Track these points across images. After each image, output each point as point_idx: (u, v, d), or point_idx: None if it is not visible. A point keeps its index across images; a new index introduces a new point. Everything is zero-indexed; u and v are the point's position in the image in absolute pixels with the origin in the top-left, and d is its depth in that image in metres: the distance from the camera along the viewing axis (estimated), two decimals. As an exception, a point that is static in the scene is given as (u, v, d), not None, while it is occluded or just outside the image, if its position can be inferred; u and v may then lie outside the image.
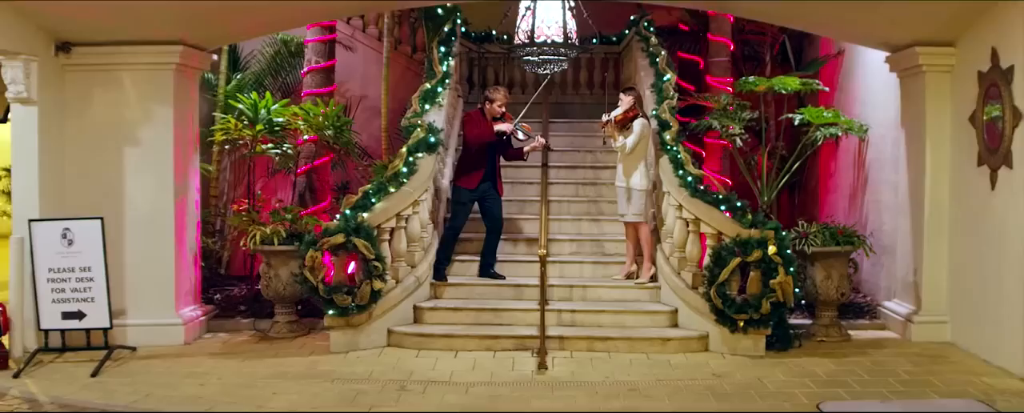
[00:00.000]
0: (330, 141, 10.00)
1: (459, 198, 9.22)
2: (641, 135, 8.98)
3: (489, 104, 9.19)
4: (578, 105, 13.41)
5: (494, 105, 9.15)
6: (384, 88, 10.58)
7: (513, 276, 9.25)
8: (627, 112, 9.05)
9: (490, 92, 9.24)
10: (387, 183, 8.61)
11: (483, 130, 9.07)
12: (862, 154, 10.70)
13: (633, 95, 9.20)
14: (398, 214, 8.55)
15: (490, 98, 9.18)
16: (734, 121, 10.01)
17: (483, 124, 9.12)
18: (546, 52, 8.74)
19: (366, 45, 12.43)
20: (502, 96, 9.17)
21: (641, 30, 11.55)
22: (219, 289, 10.54)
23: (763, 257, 7.91)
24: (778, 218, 9.99)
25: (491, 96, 9.18)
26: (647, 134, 9.11)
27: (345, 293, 8.10)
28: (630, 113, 9.05)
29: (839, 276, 8.80)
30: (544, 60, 8.85)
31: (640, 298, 8.92)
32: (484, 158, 9.12)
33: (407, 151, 8.95)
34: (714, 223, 8.29)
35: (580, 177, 11.08)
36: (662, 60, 10.62)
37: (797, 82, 9.89)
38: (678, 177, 8.74)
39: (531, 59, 9.04)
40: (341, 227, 8.16)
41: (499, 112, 9.20)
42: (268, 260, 9.08)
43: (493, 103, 9.14)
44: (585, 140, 11.70)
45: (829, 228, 8.89)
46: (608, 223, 10.11)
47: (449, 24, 11.15)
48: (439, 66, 10.42)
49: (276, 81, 11.77)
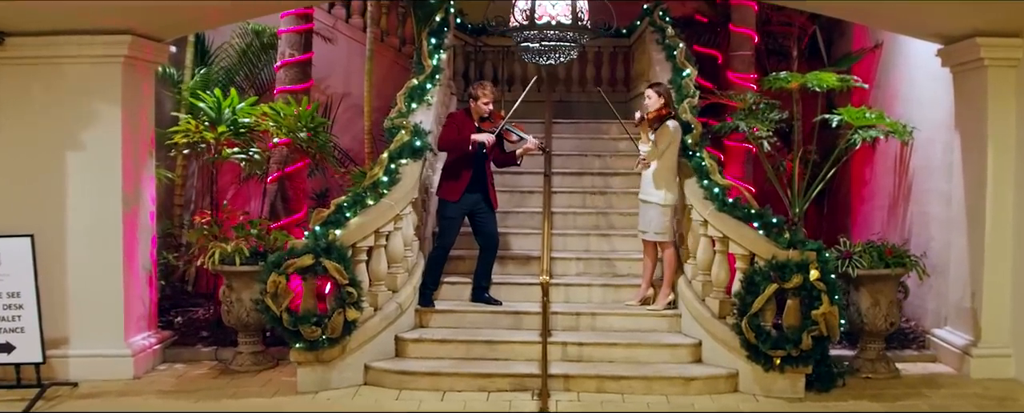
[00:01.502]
0: (304, 144, 8.81)
1: (444, 212, 8.03)
2: (673, 138, 7.76)
3: (474, 102, 7.99)
4: (585, 104, 12.31)
5: (479, 103, 7.94)
6: (367, 84, 9.39)
7: (510, 301, 8.07)
8: (659, 110, 7.84)
9: (475, 88, 8.04)
10: (364, 194, 7.44)
11: (462, 133, 7.86)
12: (905, 160, 9.54)
13: (662, 91, 7.97)
14: (377, 231, 7.39)
15: (474, 95, 7.97)
16: (761, 122, 8.80)
17: (465, 126, 7.92)
18: (550, 37, 7.32)
19: (349, 37, 11.24)
20: (489, 92, 7.96)
21: (656, 19, 10.37)
22: (182, 310, 9.46)
23: (803, 283, 6.78)
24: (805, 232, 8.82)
25: (475, 92, 7.97)
26: (678, 138, 7.89)
27: (314, 324, 6.98)
28: (662, 111, 7.85)
29: (888, 303, 7.64)
30: (547, 48, 7.46)
31: (658, 328, 7.75)
32: (469, 165, 7.92)
33: (388, 157, 7.77)
34: (745, 242, 7.12)
35: (588, 185, 9.84)
36: (680, 53, 9.42)
37: (834, 78, 8.70)
38: (703, 188, 7.56)
39: (530, 46, 7.67)
40: (309, 247, 7.00)
41: (486, 111, 8.00)
42: (229, 282, 7.98)
43: (478, 101, 7.94)
44: (593, 143, 10.51)
45: (876, 247, 7.74)
46: (620, 238, 8.90)
47: (441, 13, 9.97)
48: (429, 60, 9.23)
49: (249, 77, 10.59)
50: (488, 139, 7.86)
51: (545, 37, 7.26)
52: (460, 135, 7.83)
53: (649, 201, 7.86)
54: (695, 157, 7.81)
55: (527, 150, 8.05)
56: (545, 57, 7.57)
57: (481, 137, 7.86)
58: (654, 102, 7.84)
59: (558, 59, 7.58)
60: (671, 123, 7.76)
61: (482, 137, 7.86)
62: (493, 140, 7.89)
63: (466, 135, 7.81)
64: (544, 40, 7.28)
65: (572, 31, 7.23)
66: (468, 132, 7.85)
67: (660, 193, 7.79)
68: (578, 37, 7.30)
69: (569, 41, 7.34)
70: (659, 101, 7.85)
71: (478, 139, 7.84)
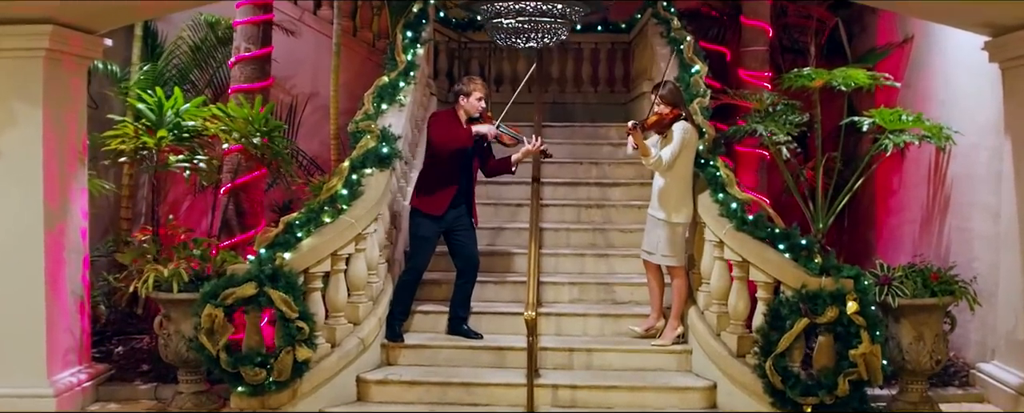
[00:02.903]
0: (258, 151, 7.71)
1: (419, 230, 6.91)
2: (684, 144, 6.68)
3: (464, 99, 6.91)
4: (580, 105, 11.25)
5: (470, 100, 6.87)
6: (333, 81, 8.34)
7: (493, 333, 6.98)
8: (663, 114, 6.73)
9: (464, 83, 6.96)
10: (320, 210, 6.35)
11: (455, 133, 6.80)
12: (941, 168, 8.48)
13: (670, 92, 6.87)
14: (335, 253, 6.30)
15: (464, 91, 6.90)
16: (780, 126, 7.71)
17: (454, 126, 6.84)
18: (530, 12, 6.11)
19: (317, 31, 10.16)
20: (480, 88, 6.89)
21: (660, 10, 9.32)
22: (125, 339, 8.37)
23: (839, 317, 5.72)
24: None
25: (465, 88, 6.89)
26: (693, 143, 6.80)
27: (258, 364, 5.93)
28: (667, 115, 6.74)
29: (933, 337, 6.55)
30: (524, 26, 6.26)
31: (665, 367, 6.66)
32: (455, 173, 6.84)
33: (350, 166, 6.68)
34: (769, 268, 6.04)
35: (583, 197, 8.73)
36: (688, 47, 8.37)
37: (865, 75, 7.65)
38: (718, 203, 6.48)
39: (503, 24, 6.48)
40: (251, 274, 5.92)
41: (478, 110, 6.93)
42: (167, 311, 6.92)
43: (469, 97, 6.87)
44: (589, 149, 9.42)
45: (919, 271, 6.65)
46: (620, 259, 7.81)
47: (419, 4, 8.87)
48: (402, 55, 8.17)
49: (204, 75, 9.50)
50: (491, 131, 6.91)
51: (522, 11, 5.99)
52: (457, 133, 6.81)
53: (658, 218, 6.77)
54: (708, 167, 6.74)
55: (527, 154, 7.01)
56: (523, 38, 6.36)
57: (483, 128, 6.89)
58: (660, 104, 6.75)
59: (540, 40, 6.34)
60: (681, 126, 6.67)
61: (484, 128, 6.89)
62: (496, 131, 6.94)
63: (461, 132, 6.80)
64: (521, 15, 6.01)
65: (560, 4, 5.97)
66: (461, 131, 6.82)
67: (672, 209, 6.71)
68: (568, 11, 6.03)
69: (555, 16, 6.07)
70: (665, 107, 6.77)
71: (480, 130, 6.86)
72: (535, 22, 6.08)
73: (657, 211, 6.79)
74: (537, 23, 6.09)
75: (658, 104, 6.82)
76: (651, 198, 6.94)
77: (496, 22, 6.26)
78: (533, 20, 6.04)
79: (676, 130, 6.68)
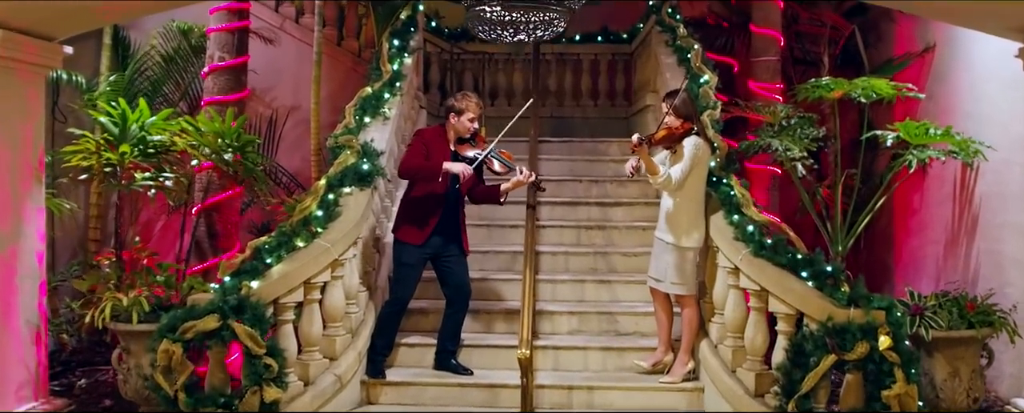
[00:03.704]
0: (230, 168, 7.11)
1: (402, 256, 6.30)
2: (695, 161, 6.08)
3: (455, 118, 6.29)
4: (579, 120, 10.65)
5: (462, 119, 6.25)
6: (314, 93, 7.75)
7: (485, 369, 6.37)
8: (673, 128, 6.11)
9: (457, 100, 6.32)
10: (292, 234, 5.73)
11: (431, 158, 6.16)
12: (966, 185, 7.88)
13: (683, 102, 6.24)
14: (308, 281, 5.68)
15: (456, 108, 6.26)
16: (796, 140, 7.12)
17: (437, 148, 6.23)
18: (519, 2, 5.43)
19: (299, 39, 9.56)
20: (475, 106, 6.26)
21: (664, 18, 8.75)
22: (90, 370, 7.81)
23: (870, 354, 5.09)
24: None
25: (458, 106, 6.26)
26: (705, 160, 6.20)
27: (221, 406, 5.28)
28: (678, 129, 6.13)
29: (970, 373, 5.99)
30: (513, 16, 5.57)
31: (674, 406, 6.05)
32: (438, 199, 6.21)
33: (326, 184, 6.08)
34: (791, 298, 5.42)
35: (583, 218, 8.12)
36: (696, 55, 7.79)
37: (889, 86, 7.06)
38: (732, 225, 5.88)
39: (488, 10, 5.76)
40: (214, 305, 5.29)
41: (469, 130, 6.31)
42: (126, 344, 6.36)
43: (461, 116, 6.24)
44: (589, 166, 8.82)
45: (953, 300, 6.06)
46: (624, 286, 7.17)
47: (407, 10, 8.30)
48: (388, 64, 7.57)
49: (179, 87, 8.90)
50: (465, 172, 6.12)
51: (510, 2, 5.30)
52: (428, 161, 6.14)
53: (667, 242, 6.16)
54: (721, 185, 6.13)
55: (518, 184, 6.33)
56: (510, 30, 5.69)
57: (456, 167, 6.12)
58: (669, 116, 6.14)
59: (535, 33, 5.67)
60: (693, 141, 6.07)
61: (457, 167, 6.12)
62: (470, 173, 6.16)
63: (437, 162, 6.10)
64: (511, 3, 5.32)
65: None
66: (440, 157, 6.17)
67: (682, 232, 6.10)
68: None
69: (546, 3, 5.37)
70: (676, 120, 6.16)
71: (452, 170, 6.11)
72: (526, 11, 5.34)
73: (665, 234, 6.18)
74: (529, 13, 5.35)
75: (669, 114, 6.21)
76: (658, 220, 6.33)
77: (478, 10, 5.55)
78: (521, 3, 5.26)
79: (687, 145, 6.08)
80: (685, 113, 6.17)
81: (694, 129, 6.15)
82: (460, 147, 6.28)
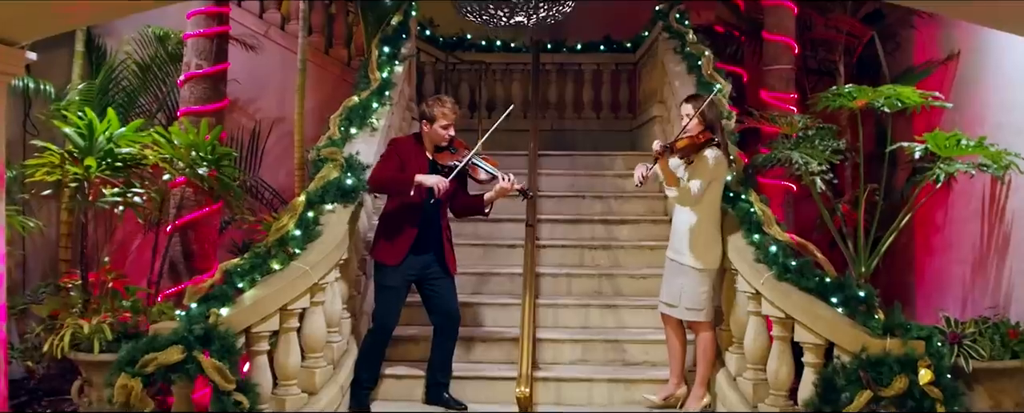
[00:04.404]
0: (205, 183, 6.57)
1: (382, 279, 5.71)
2: (714, 174, 5.55)
3: (428, 125, 5.66)
4: (581, 133, 10.12)
5: (436, 127, 5.62)
6: (298, 103, 7.24)
7: (481, 403, 5.79)
8: (694, 137, 5.57)
9: (428, 105, 5.68)
10: (267, 256, 5.19)
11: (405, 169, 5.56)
12: (997, 201, 7.35)
13: (711, 108, 5.68)
14: (285, 308, 5.12)
15: (427, 114, 5.63)
16: (817, 153, 6.58)
17: (412, 158, 5.65)
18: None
19: (284, 47, 9.03)
20: (450, 111, 5.62)
21: (672, 24, 8.22)
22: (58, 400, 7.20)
23: (909, 389, 4.53)
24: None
25: (430, 111, 5.62)
26: (723, 174, 5.68)
27: (186, 448, 4.70)
28: (699, 138, 5.59)
29: (1013, 405, 5.47)
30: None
31: (689, 445, 5.45)
32: (415, 213, 5.61)
33: (306, 201, 5.54)
34: (820, 327, 4.88)
35: (586, 237, 7.56)
36: (707, 63, 7.29)
37: (917, 94, 6.53)
38: (753, 245, 5.34)
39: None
40: (178, 335, 4.73)
41: (445, 138, 5.69)
42: (88, 375, 5.83)
43: (434, 123, 5.61)
44: (592, 180, 8.27)
45: (994, 326, 5.53)
46: (631, 311, 6.61)
47: (399, 16, 7.79)
48: (376, 72, 7.05)
49: (156, 97, 8.38)
50: (440, 184, 5.47)
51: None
52: (401, 172, 5.54)
53: (681, 263, 5.61)
54: (740, 202, 5.60)
55: (502, 192, 5.67)
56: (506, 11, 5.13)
57: (430, 180, 5.47)
58: (692, 122, 5.59)
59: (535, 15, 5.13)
60: (714, 153, 5.53)
61: (431, 180, 5.47)
62: (446, 186, 5.50)
63: (410, 174, 5.50)
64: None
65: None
66: (416, 168, 5.56)
67: (698, 252, 5.56)
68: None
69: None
70: (695, 118, 5.60)
71: (426, 182, 5.47)
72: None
73: (679, 254, 5.63)
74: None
75: (694, 118, 5.61)
76: (670, 239, 5.78)
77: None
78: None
79: (709, 157, 5.53)
80: (711, 120, 5.61)
81: (715, 139, 5.60)
82: (439, 156, 5.65)
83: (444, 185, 5.47)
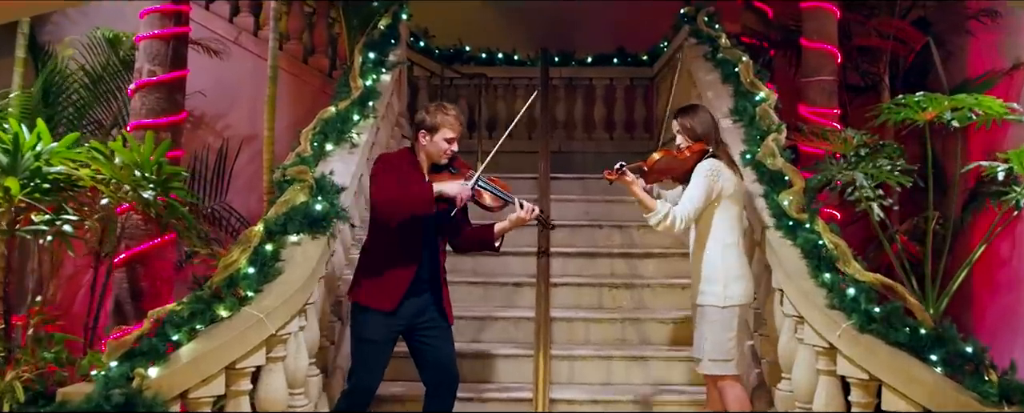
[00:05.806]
0: (153, 209, 5.52)
1: (364, 330, 4.53)
2: (710, 191, 4.46)
3: (425, 137, 4.54)
4: (592, 154, 9.16)
5: (435, 139, 4.50)
6: (268, 117, 6.23)
7: (481, 481, 4.66)
8: (674, 152, 4.56)
9: (429, 113, 4.53)
10: (212, 300, 4.12)
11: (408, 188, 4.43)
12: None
13: (692, 121, 4.63)
14: (233, 367, 4.03)
15: (427, 124, 4.51)
16: (884, 173, 5.54)
17: (410, 174, 4.52)
18: None
19: (257, 56, 8.01)
20: (453, 124, 4.51)
21: (701, 27, 7.17)
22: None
23: (1032, 478, 3.48)
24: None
25: (429, 120, 4.49)
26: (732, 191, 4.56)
27: None
28: (683, 153, 4.57)
29: None
30: None
31: None
32: (414, 246, 4.50)
33: (264, 230, 4.47)
34: (917, 392, 3.80)
35: (605, 273, 6.46)
36: (745, 69, 6.26)
37: (1000, 104, 5.51)
38: (824, 286, 4.25)
39: None
40: (91, 402, 3.67)
41: (446, 153, 4.57)
42: (-4, 445, 4.68)
43: (434, 135, 4.50)
44: (609, 207, 7.19)
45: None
46: (663, 364, 5.47)
47: (387, 18, 6.79)
48: (359, 79, 6.01)
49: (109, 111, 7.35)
50: (463, 193, 4.40)
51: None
52: (408, 187, 4.44)
53: (702, 304, 4.51)
54: (803, 232, 4.51)
55: (518, 222, 4.60)
56: None
57: (452, 188, 4.41)
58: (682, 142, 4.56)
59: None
60: (707, 165, 4.46)
61: (453, 188, 4.41)
62: (470, 194, 4.44)
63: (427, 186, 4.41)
64: None
65: None
66: (418, 185, 4.45)
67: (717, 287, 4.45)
68: None
69: None
70: (686, 140, 4.57)
71: (447, 192, 4.38)
72: None
73: (698, 294, 4.52)
74: None
75: (679, 133, 4.64)
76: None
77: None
78: None
79: (698, 170, 4.47)
80: (701, 132, 4.56)
81: (709, 150, 4.52)
82: (436, 177, 4.53)
83: (467, 193, 4.38)
